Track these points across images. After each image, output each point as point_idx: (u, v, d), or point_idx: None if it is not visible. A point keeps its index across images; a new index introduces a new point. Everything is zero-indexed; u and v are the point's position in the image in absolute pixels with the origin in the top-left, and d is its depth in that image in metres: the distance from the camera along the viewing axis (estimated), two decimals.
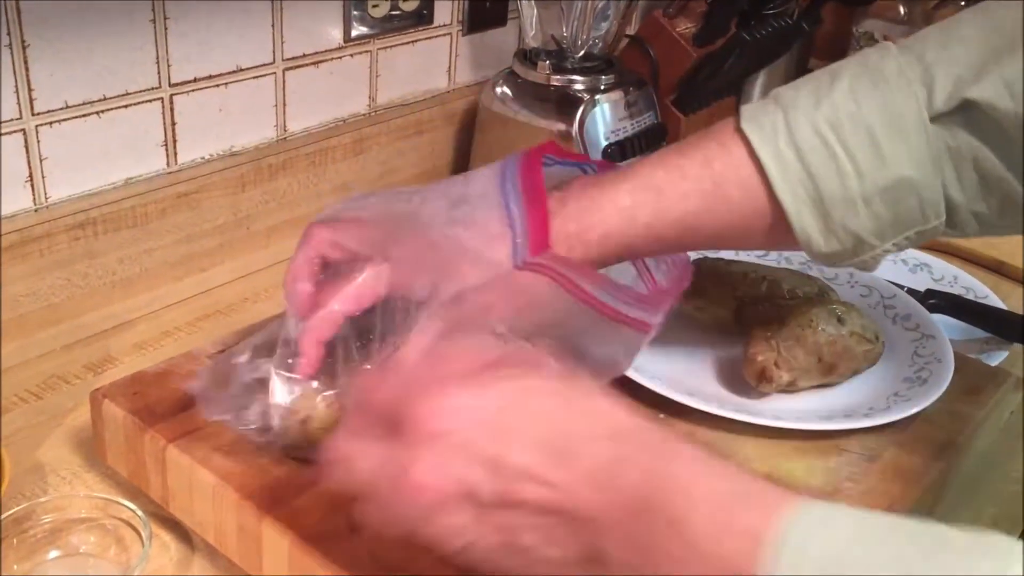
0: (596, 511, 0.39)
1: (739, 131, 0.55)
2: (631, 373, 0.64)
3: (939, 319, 0.86)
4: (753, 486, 0.38)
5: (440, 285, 0.53)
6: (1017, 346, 0.84)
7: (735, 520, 0.36)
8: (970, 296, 0.91)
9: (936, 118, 0.53)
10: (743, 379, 0.66)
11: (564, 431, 0.41)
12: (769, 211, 0.55)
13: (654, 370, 0.65)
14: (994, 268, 1.01)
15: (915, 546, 0.35)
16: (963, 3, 1.11)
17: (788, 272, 0.73)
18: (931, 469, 0.61)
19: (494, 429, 0.41)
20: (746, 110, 0.56)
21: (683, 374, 0.68)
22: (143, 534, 0.55)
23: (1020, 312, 0.88)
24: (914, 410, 0.64)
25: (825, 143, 0.54)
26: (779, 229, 0.55)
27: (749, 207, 0.55)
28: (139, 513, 0.56)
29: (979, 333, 0.85)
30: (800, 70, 1.23)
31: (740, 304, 0.70)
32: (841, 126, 0.54)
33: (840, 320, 0.66)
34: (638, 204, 0.55)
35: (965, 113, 0.53)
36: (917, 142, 0.53)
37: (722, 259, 0.74)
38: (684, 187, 0.55)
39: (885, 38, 1.15)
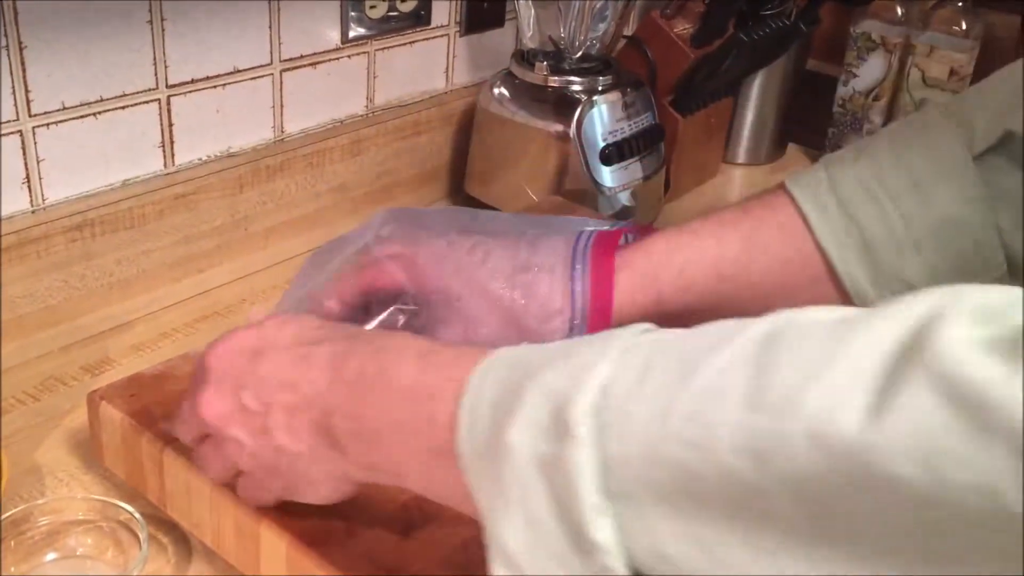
0: (327, 395, 0.45)
1: (782, 189, 0.56)
2: None
3: None
4: (462, 348, 0.42)
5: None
6: None
7: (440, 367, 0.42)
8: None
9: (981, 156, 0.52)
10: None
11: (309, 343, 0.47)
12: (813, 260, 0.54)
13: None
14: None
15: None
16: (960, 4, 1.11)
17: None
18: None
19: (254, 353, 0.48)
20: (791, 175, 0.56)
21: None
22: (141, 536, 0.55)
23: None
24: None
25: (867, 190, 0.53)
26: (824, 281, 0.54)
27: (790, 254, 0.54)
28: (136, 515, 0.56)
29: None
30: (798, 71, 1.23)
31: None
32: (883, 173, 0.53)
33: None
34: (672, 248, 0.55)
35: (1008, 148, 0.51)
36: (963, 180, 0.52)
37: None
38: (721, 232, 0.55)
39: (883, 40, 1.15)
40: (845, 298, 0.54)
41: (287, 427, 0.46)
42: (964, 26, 1.12)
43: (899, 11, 1.15)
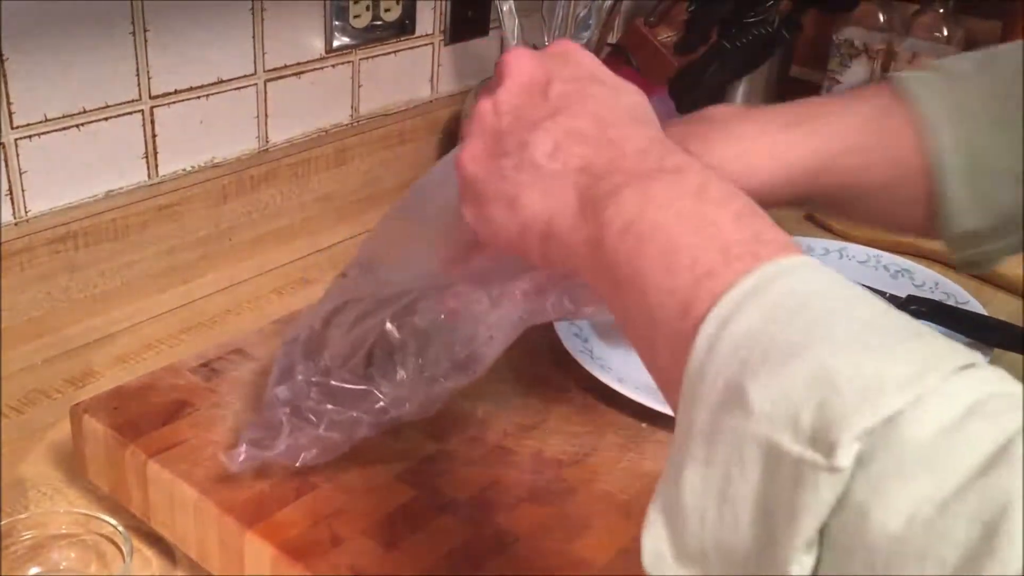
0: (607, 167, 0.39)
1: (899, 91, 0.54)
2: (614, 384, 0.64)
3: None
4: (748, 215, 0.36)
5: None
6: (998, 351, 0.85)
7: (719, 232, 0.35)
8: (951, 302, 0.91)
9: None
10: None
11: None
12: (918, 174, 0.53)
13: (636, 380, 0.65)
14: (974, 273, 1.01)
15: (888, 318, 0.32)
16: (941, 10, 1.12)
17: None
18: None
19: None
20: (904, 75, 0.55)
21: None
22: (124, 549, 0.55)
23: (1000, 317, 0.89)
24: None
25: (988, 113, 0.52)
26: (920, 198, 0.53)
27: (900, 167, 0.53)
28: (120, 528, 0.55)
29: (960, 338, 0.85)
30: (782, 78, 1.23)
31: None
32: (1004, 97, 0.52)
33: None
34: (770, 140, 0.53)
35: None
36: None
37: None
38: (829, 121, 0.54)
39: (865, 46, 1.15)
40: (927, 218, 0.54)
41: (558, 141, 0.40)
42: (945, 32, 1.13)
43: (881, 18, 1.16)
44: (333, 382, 0.54)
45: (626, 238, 0.36)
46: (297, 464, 0.53)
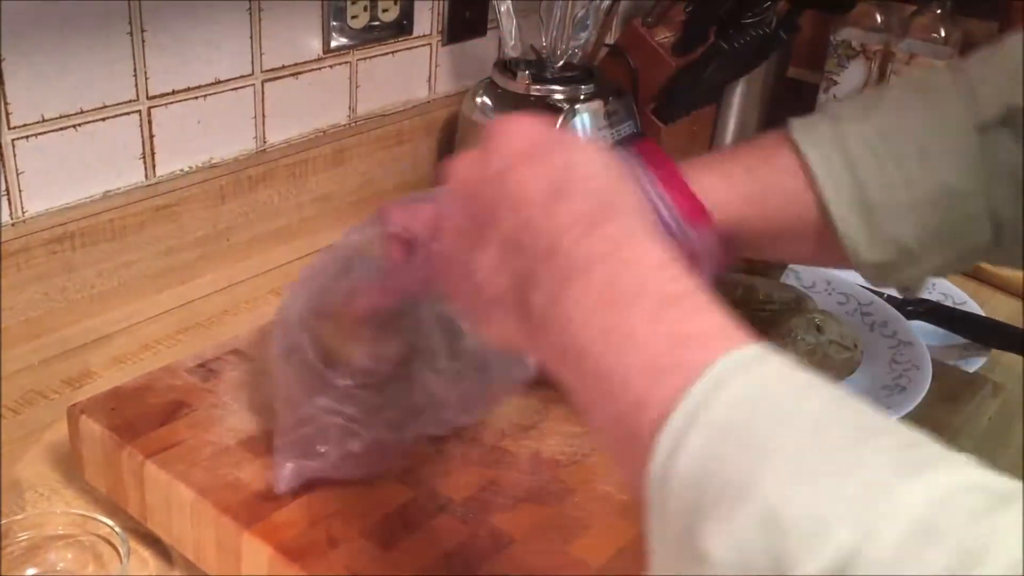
0: (544, 265, 0.38)
1: (787, 138, 0.56)
2: None
3: (917, 326, 0.87)
4: (705, 317, 0.35)
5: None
6: (995, 352, 0.85)
7: (675, 345, 0.34)
8: (948, 302, 0.91)
9: (983, 129, 0.53)
10: None
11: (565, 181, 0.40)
12: (815, 217, 0.55)
13: None
14: (971, 274, 1.01)
15: (848, 415, 0.31)
16: (939, 11, 1.12)
17: (763, 280, 0.73)
18: None
19: (530, 156, 0.41)
20: (795, 120, 0.57)
21: None
22: (121, 551, 0.55)
23: (997, 318, 0.89)
24: (893, 418, 0.64)
25: (872, 149, 0.54)
26: (824, 237, 0.55)
27: (795, 211, 0.55)
28: (117, 529, 0.55)
29: (957, 339, 0.85)
30: (779, 78, 1.24)
31: None
32: (888, 134, 0.54)
33: (819, 328, 0.67)
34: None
35: (1011, 123, 0.53)
36: (965, 151, 0.53)
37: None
38: (732, 188, 0.55)
39: (863, 47, 1.15)
40: (840, 256, 0.55)
41: (494, 263, 0.40)
42: (943, 33, 1.13)
43: (878, 18, 1.16)
44: (359, 389, 0.54)
45: (565, 362, 0.37)
46: (351, 475, 0.53)
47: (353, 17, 0.94)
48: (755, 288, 0.71)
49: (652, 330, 0.34)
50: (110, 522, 0.56)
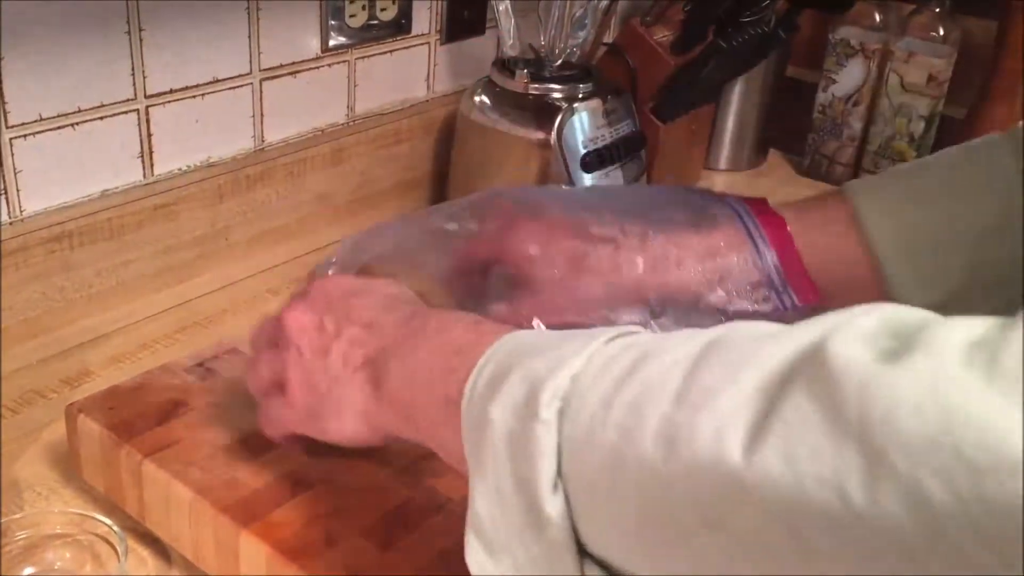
0: (389, 337, 0.49)
1: (836, 191, 0.59)
2: None
3: None
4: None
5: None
6: None
7: (483, 333, 0.45)
8: None
9: None
10: None
11: (402, 300, 0.53)
12: (861, 259, 0.57)
13: None
14: None
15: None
16: (937, 10, 1.12)
17: None
18: None
19: (353, 292, 0.53)
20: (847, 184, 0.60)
21: None
22: (119, 549, 0.54)
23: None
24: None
25: (918, 191, 0.56)
26: (869, 281, 0.56)
27: (840, 253, 0.57)
28: (115, 528, 0.55)
29: None
30: (778, 78, 1.23)
31: None
32: (932, 177, 0.57)
33: None
34: None
35: None
36: (1009, 193, 0.54)
37: None
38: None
39: (862, 46, 1.15)
40: (886, 300, 0.56)
41: (345, 353, 0.50)
42: (942, 32, 1.13)
43: (877, 17, 1.16)
44: None
45: (402, 389, 0.47)
46: None
47: (351, 16, 0.93)
48: None
49: (464, 332, 0.46)
50: (108, 521, 0.56)
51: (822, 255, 0.57)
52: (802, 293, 0.56)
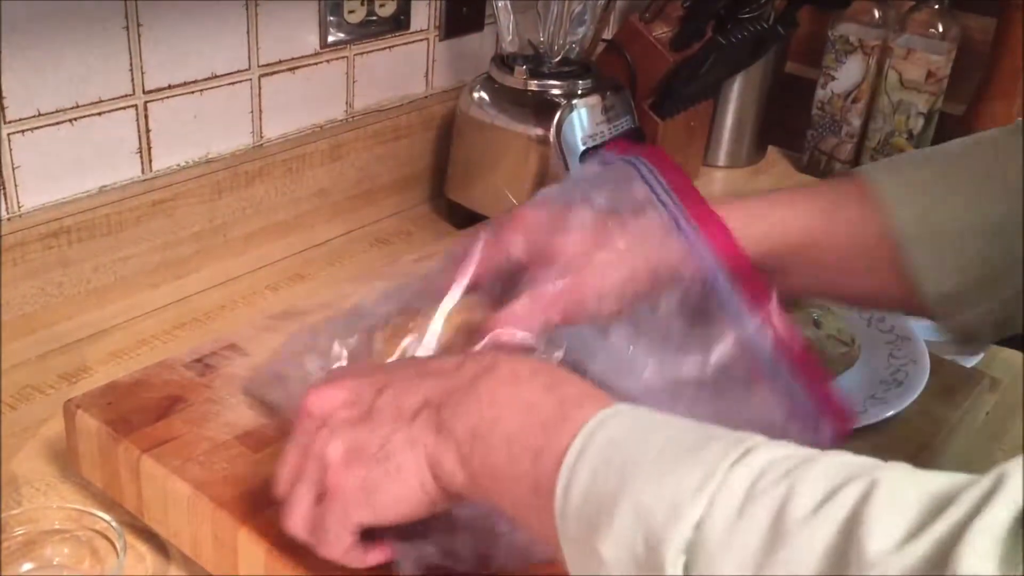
0: (442, 390, 0.45)
1: (854, 173, 0.58)
2: None
3: (915, 320, 0.87)
4: (585, 388, 0.43)
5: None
6: (992, 347, 0.85)
7: (564, 400, 0.42)
8: None
9: None
10: None
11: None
12: (881, 242, 0.55)
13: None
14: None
15: (686, 435, 0.39)
16: (937, 7, 1.12)
17: None
18: None
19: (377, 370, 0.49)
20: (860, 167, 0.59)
21: None
22: (117, 545, 0.54)
23: None
24: (890, 412, 0.64)
25: (938, 178, 0.55)
26: (889, 267, 0.55)
27: (860, 238, 0.56)
28: (113, 524, 0.55)
29: None
30: (777, 74, 1.23)
31: None
32: (950, 166, 0.56)
33: (816, 323, 0.67)
34: (750, 217, 0.56)
35: None
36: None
37: None
38: (798, 203, 0.57)
39: (861, 42, 1.15)
40: (903, 289, 0.55)
41: (395, 405, 0.45)
42: (941, 28, 1.13)
43: (876, 14, 1.16)
44: None
45: (475, 444, 0.42)
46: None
47: (350, 12, 0.93)
48: None
49: (547, 397, 0.42)
50: (107, 517, 0.56)
51: (841, 239, 0.56)
52: (753, 294, 0.54)
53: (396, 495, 0.44)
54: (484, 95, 0.98)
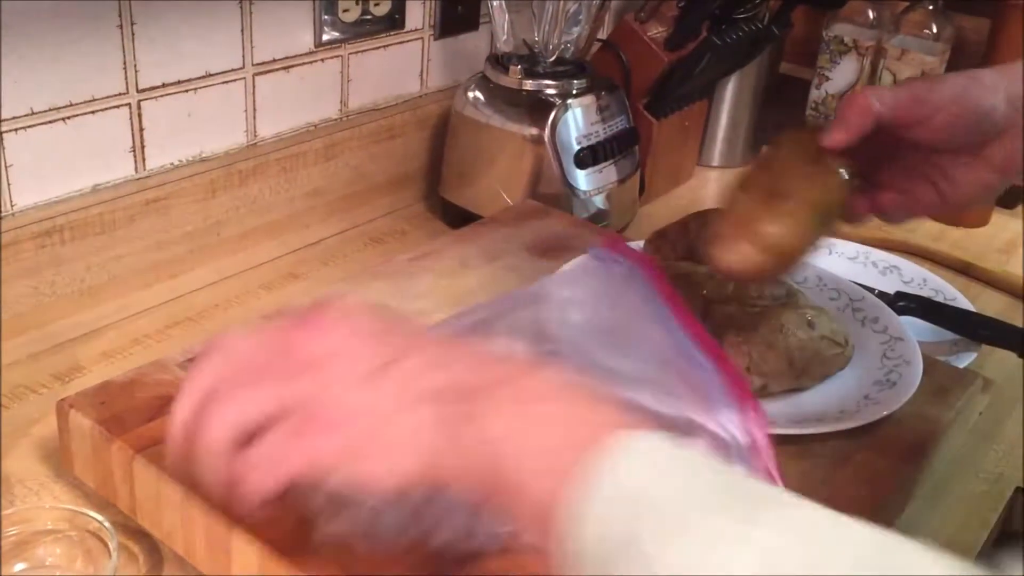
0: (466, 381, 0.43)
1: None
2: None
3: (908, 321, 0.87)
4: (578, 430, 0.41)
5: None
6: (985, 348, 0.85)
7: (583, 421, 0.41)
8: (939, 298, 0.91)
9: None
10: None
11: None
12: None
13: None
14: (962, 270, 1.02)
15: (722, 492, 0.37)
16: (931, 7, 1.12)
17: None
18: (900, 471, 0.62)
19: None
20: None
21: None
22: (110, 545, 0.54)
23: (988, 314, 0.89)
24: (884, 413, 0.64)
25: None
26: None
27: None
28: (106, 524, 0.55)
29: (948, 335, 0.86)
30: (771, 74, 1.24)
31: (707, 303, 0.70)
32: None
33: (810, 324, 0.67)
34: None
35: None
36: None
37: (690, 262, 0.74)
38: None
39: (855, 43, 1.16)
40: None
41: (403, 382, 0.43)
42: (935, 29, 1.13)
43: (871, 14, 1.16)
44: None
45: (484, 449, 0.41)
46: None
47: (345, 11, 0.93)
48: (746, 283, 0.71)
49: (566, 418, 0.41)
50: (99, 517, 0.55)
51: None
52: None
53: (380, 469, 0.42)
54: (479, 94, 0.98)
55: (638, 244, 0.77)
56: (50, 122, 0.76)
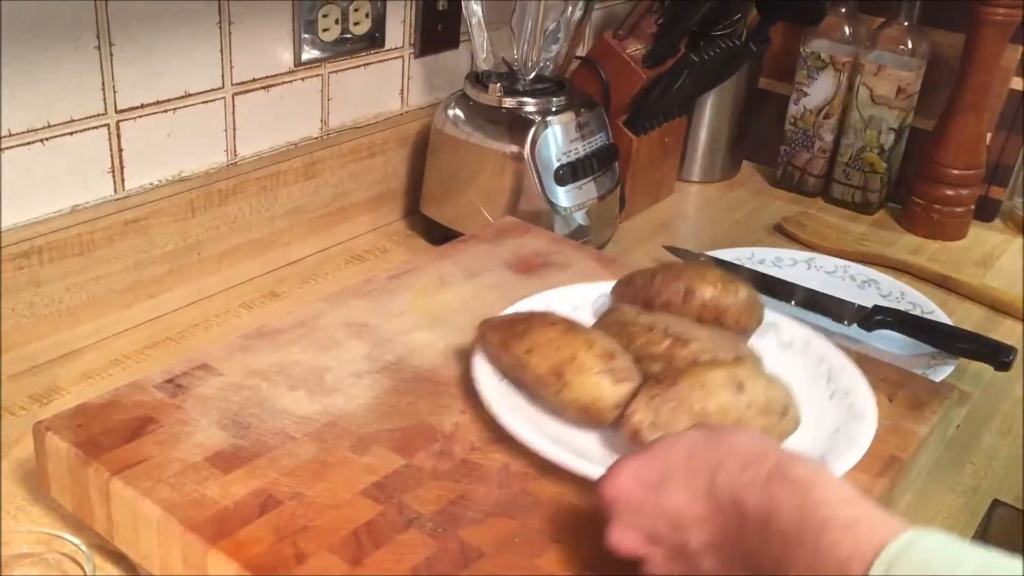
0: (745, 539, 0.46)
1: None
2: (515, 429, 0.61)
3: (886, 334, 0.87)
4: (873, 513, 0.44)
5: None
6: (962, 361, 0.86)
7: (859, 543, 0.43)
8: (917, 312, 0.92)
9: None
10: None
11: (703, 466, 0.49)
12: None
13: (543, 426, 0.63)
14: (940, 283, 1.02)
15: None
16: (906, 23, 1.13)
17: (715, 334, 0.67)
18: (876, 486, 0.62)
19: (648, 483, 0.50)
20: None
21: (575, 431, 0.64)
22: (87, 568, 0.54)
23: (965, 327, 0.89)
24: (863, 448, 0.62)
25: None
26: None
27: None
28: (83, 548, 0.55)
29: (925, 348, 0.86)
30: (750, 90, 1.25)
31: (636, 359, 0.64)
32: None
33: (740, 388, 0.60)
34: None
35: None
36: None
37: (636, 308, 0.70)
38: None
39: (832, 58, 1.17)
40: None
41: (707, 556, 0.48)
42: (910, 45, 1.14)
43: (847, 31, 1.17)
44: None
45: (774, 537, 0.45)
46: None
47: (324, 30, 0.93)
48: (689, 343, 0.64)
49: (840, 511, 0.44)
50: (76, 540, 0.55)
51: None
52: None
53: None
54: (459, 112, 0.98)
55: (607, 287, 0.76)
56: (28, 143, 0.75)
